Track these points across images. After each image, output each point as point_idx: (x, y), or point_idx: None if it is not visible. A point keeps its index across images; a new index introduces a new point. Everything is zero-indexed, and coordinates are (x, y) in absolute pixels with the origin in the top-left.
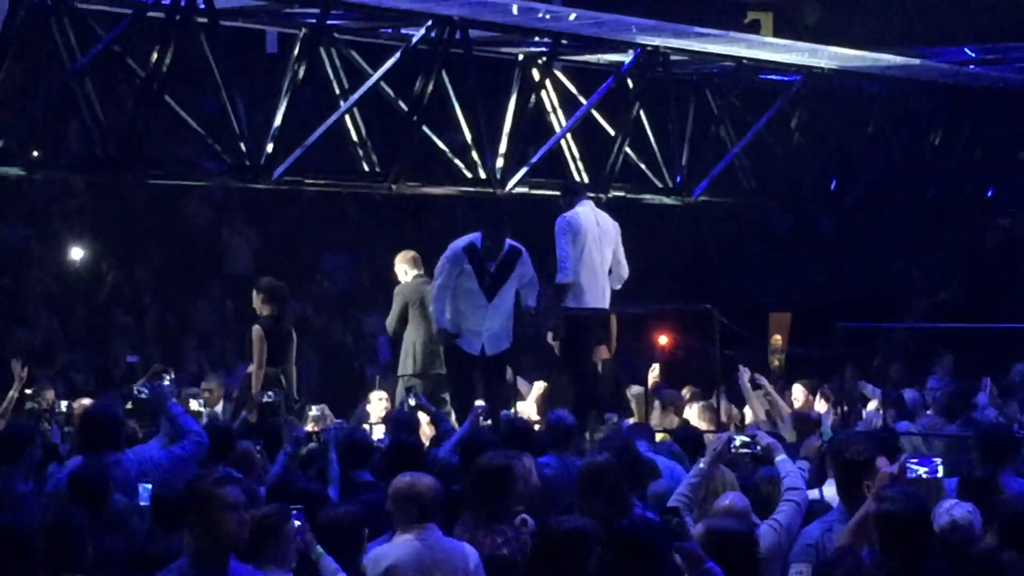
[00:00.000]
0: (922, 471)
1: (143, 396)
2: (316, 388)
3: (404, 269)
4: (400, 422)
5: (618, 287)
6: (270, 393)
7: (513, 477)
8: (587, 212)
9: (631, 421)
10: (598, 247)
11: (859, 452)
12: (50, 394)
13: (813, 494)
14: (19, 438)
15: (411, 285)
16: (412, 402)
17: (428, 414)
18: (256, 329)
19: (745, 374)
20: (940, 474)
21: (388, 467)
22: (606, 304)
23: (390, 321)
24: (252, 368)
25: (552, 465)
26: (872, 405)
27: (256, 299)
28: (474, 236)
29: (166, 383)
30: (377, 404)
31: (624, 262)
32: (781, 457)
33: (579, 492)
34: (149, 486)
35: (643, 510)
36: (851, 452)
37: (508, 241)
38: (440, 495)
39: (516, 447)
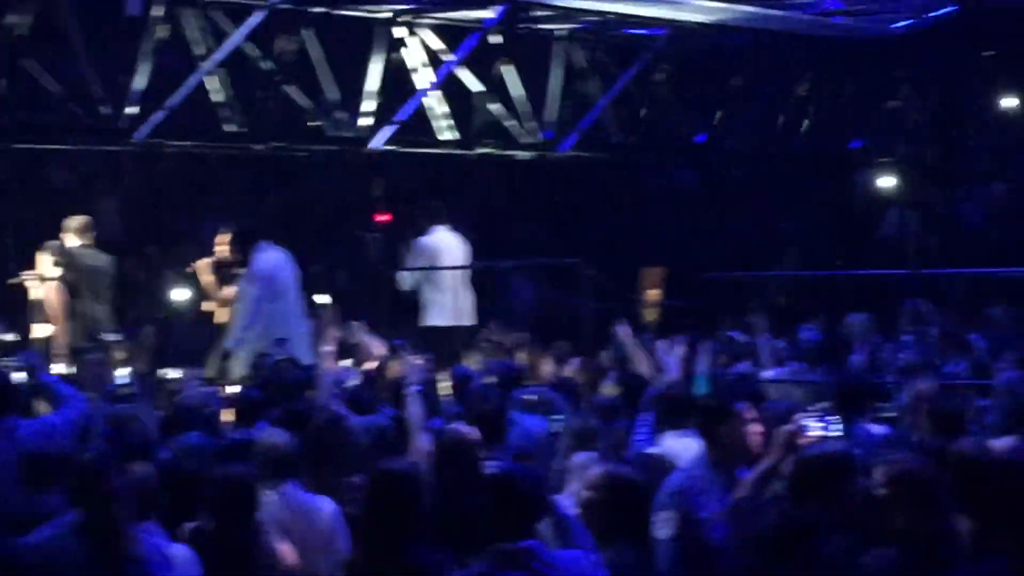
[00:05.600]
0: (817, 428)
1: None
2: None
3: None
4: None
5: None
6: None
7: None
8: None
9: None
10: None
11: (715, 398)
12: None
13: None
14: None
15: None
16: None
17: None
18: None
19: (625, 328)
20: (835, 432)
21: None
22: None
23: None
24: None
25: None
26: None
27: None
28: None
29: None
30: None
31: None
32: None
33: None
34: None
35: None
36: (707, 399)
37: None
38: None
39: None
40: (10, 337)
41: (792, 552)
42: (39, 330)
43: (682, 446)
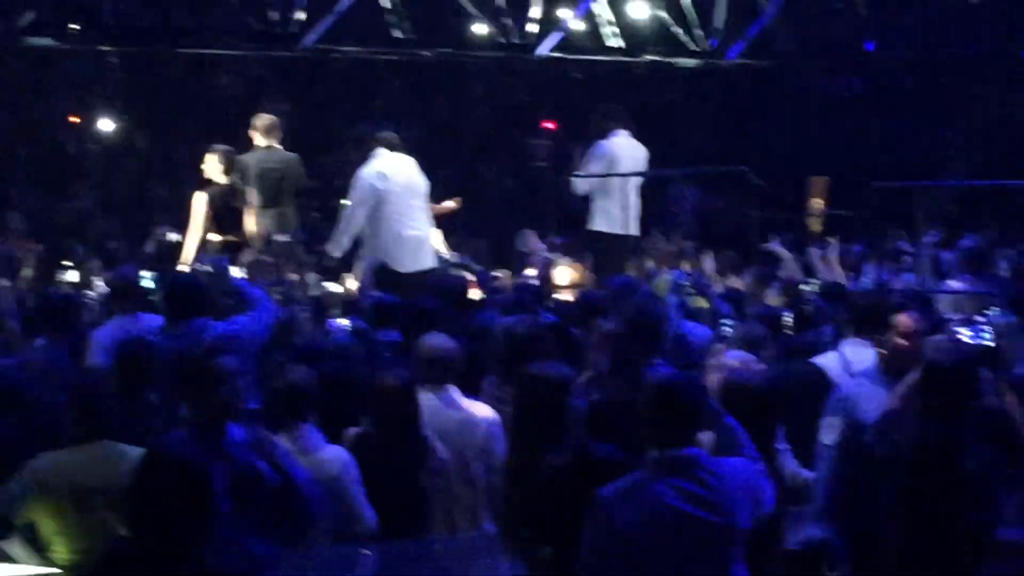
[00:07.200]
0: (966, 335)
1: (208, 270)
2: None
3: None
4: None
5: None
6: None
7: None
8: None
9: None
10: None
11: (876, 305)
12: (95, 264)
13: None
14: (64, 309)
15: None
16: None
17: (473, 273)
18: (199, 196)
19: (776, 242)
20: (985, 341)
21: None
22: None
23: None
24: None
25: None
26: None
27: (215, 164)
28: None
29: (174, 238)
30: None
31: None
32: None
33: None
34: None
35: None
36: (869, 304)
37: None
38: (459, 357)
39: None
40: (174, 238)
41: (933, 468)
42: (211, 237)
43: (861, 353)
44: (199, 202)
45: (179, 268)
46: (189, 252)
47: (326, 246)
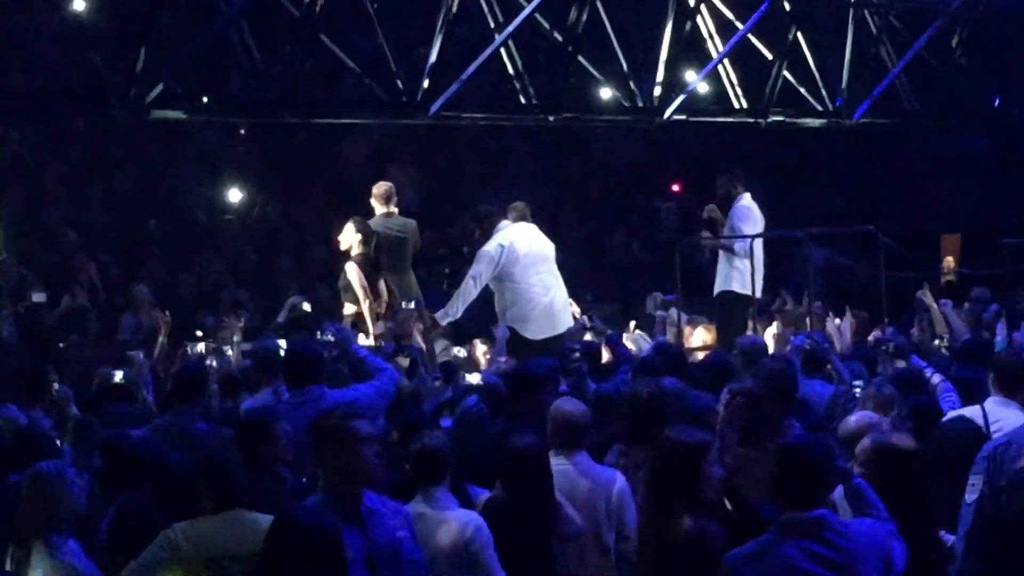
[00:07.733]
0: None
1: (329, 339)
2: None
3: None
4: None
5: None
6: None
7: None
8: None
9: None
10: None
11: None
12: (225, 334)
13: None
14: (193, 379)
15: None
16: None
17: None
18: (352, 267)
19: (927, 293)
20: None
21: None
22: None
23: None
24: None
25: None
26: None
27: (353, 234)
28: None
29: (306, 307)
30: None
31: None
32: None
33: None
34: None
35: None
36: (1012, 364)
37: None
38: (591, 423)
39: None
40: (307, 307)
41: None
42: (347, 308)
43: (1003, 412)
44: (353, 273)
45: (361, 340)
46: (368, 326)
47: (438, 314)
